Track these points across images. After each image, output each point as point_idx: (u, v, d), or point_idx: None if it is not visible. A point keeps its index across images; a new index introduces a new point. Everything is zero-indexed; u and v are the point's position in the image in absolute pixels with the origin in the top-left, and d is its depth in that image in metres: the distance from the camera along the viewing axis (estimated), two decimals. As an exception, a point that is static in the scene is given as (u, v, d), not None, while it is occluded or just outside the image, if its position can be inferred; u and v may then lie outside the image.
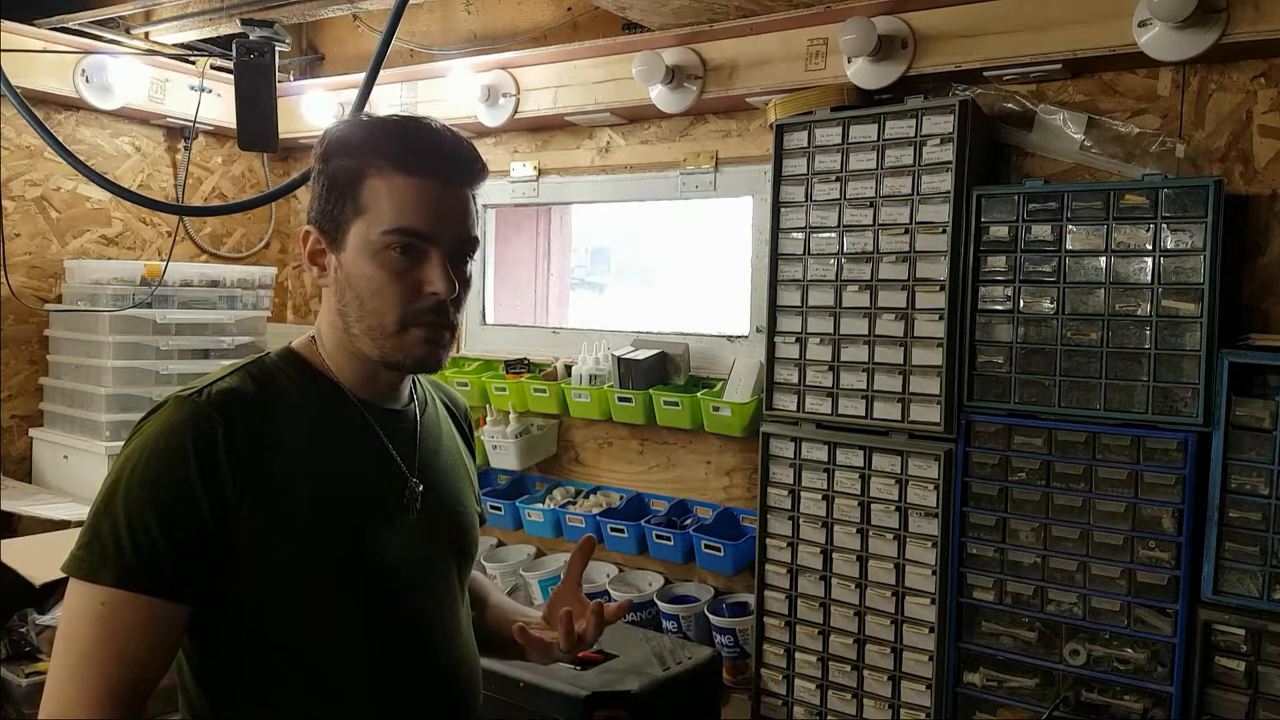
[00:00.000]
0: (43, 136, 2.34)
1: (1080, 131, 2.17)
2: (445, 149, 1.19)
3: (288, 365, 1.23)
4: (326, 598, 1.17)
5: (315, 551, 1.15)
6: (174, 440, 1.10)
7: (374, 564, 1.20)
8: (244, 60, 2.83)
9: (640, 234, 3.88)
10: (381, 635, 1.21)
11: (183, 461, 1.09)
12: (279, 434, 1.16)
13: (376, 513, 1.22)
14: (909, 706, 2.22)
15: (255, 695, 1.16)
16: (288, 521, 1.14)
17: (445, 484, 1.33)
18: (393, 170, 1.16)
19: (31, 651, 2.27)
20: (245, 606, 1.15)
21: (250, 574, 1.13)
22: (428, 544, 1.27)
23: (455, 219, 1.19)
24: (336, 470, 1.20)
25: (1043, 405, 2.06)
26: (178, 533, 1.08)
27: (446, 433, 1.39)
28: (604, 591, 2.73)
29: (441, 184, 1.18)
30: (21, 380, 3.14)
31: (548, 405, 2.84)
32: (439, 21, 3.27)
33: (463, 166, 1.20)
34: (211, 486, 1.09)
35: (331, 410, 1.22)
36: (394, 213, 1.15)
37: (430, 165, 1.17)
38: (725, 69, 2.53)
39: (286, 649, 1.16)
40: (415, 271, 1.16)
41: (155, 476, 1.09)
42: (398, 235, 1.15)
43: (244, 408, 1.14)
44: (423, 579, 1.26)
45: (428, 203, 1.16)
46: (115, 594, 1.07)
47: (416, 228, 1.15)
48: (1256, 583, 1.84)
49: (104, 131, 3.27)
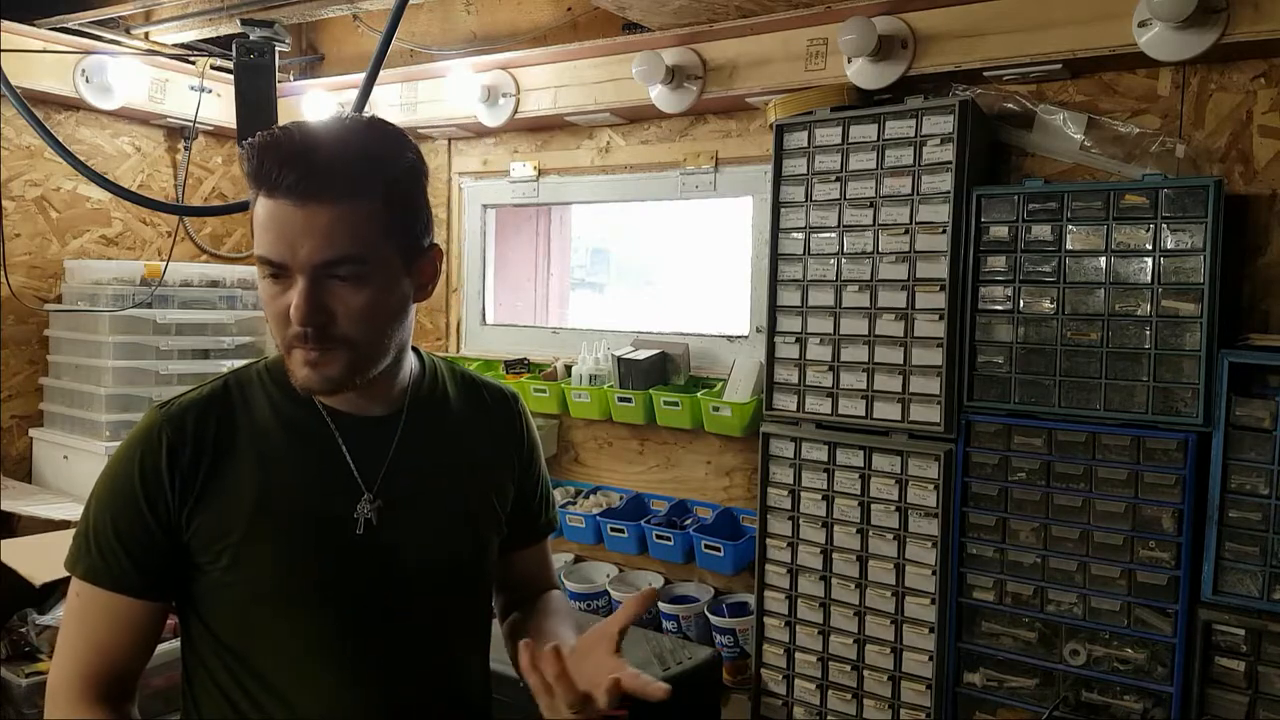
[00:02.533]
0: (43, 136, 2.34)
1: (1080, 131, 2.17)
2: (311, 164, 1.06)
3: (268, 373, 1.24)
4: (264, 605, 1.18)
5: (250, 561, 1.17)
6: (129, 450, 1.18)
7: (308, 578, 1.18)
8: (244, 60, 2.83)
9: (640, 234, 3.88)
10: (321, 649, 1.19)
11: (130, 471, 1.16)
12: (233, 444, 1.18)
13: (315, 529, 1.18)
14: (909, 706, 2.22)
15: (221, 694, 1.20)
16: (226, 530, 1.16)
17: (425, 499, 1.25)
18: (256, 189, 1.10)
19: (31, 651, 2.27)
20: (201, 607, 1.20)
21: (201, 577, 1.18)
22: (383, 563, 1.21)
23: (310, 243, 1.07)
24: (282, 483, 1.18)
25: (1043, 405, 2.06)
26: (129, 538, 1.15)
27: (454, 433, 1.31)
28: (604, 591, 2.73)
29: (294, 203, 1.06)
30: (21, 380, 3.14)
31: (548, 405, 2.84)
32: (439, 21, 3.27)
33: (318, 179, 1.06)
34: (153, 495, 1.15)
35: (294, 422, 1.20)
36: (258, 238, 1.10)
37: (284, 183, 1.06)
38: (725, 69, 2.53)
39: (239, 650, 1.20)
40: (284, 298, 1.10)
41: (113, 485, 1.18)
42: (261, 263, 1.11)
43: (197, 418, 1.18)
44: (375, 592, 1.20)
45: (278, 226, 1.08)
46: (84, 586, 1.17)
47: (267, 255, 1.09)
48: (1256, 583, 1.84)
49: (104, 131, 3.27)
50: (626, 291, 4.15)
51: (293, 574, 1.18)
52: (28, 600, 2.29)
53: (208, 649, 1.20)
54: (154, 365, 2.97)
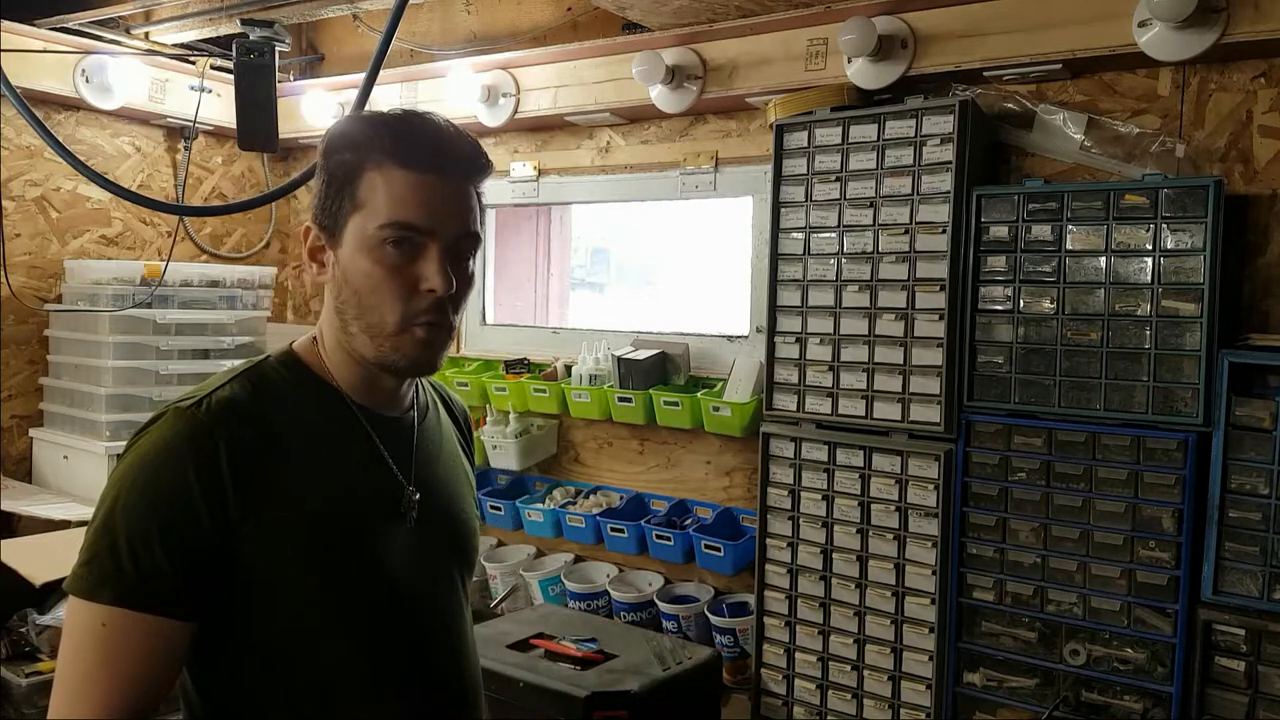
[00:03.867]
0: (43, 136, 2.34)
1: (1080, 131, 2.17)
2: (444, 142, 1.16)
3: (286, 370, 1.21)
4: (328, 609, 1.15)
5: (315, 564, 1.14)
6: (175, 455, 1.08)
7: (374, 574, 1.19)
8: (244, 60, 2.84)
9: (640, 234, 3.87)
10: (385, 645, 1.19)
11: (184, 477, 1.07)
12: (278, 445, 1.14)
13: (374, 523, 1.20)
14: (909, 706, 2.22)
15: (256, 707, 1.15)
16: (287, 535, 1.12)
17: (444, 490, 1.31)
18: (390, 164, 1.13)
19: (31, 651, 2.27)
20: (246, 619, 1.13)
21: (252, 587, 1.11)
22: (428, 552, 1.25)
23: (453, 213, 1.15)
24: (334, 481, 1.17)
25: (1043, 405, 2.06)
26: (179, 550, 1.06)
27: (446, 437, 1.37)
28: (604, 591, 2.73)
29: (439, 177, 1.14)
30: (21, 380, 3.14)
31: (548, 405, 2.84)
32: (439, 21, 3.27)
33: (463, 160, 1.17)
34: (214, 503, 1.07)
35: (329, 418, 1.20)
36: (390, 206, 1.12)
37: (427, 158, 1.14)
38: (725, 69, 2.53)
39: (289, 661, 1.15)
40: (411, 267, 1.13)
41: (156, 493, 1.08)
42: (393, 229, 1.12)
43: (244, 420, 1.12)
44: (424, 587, 1.25)
45: (424, 196, 1.13)
46: (115, 612, 1.05)
47: (412, 221, 1.12)
48: (1256, 583, 1.84)
49: (104, 131, 3.27)
50: (626, 291, 4.15)
51: (363, 571, 1.17)
52: (28, 600, 2.29)
53: (240, 663, 1.14)
54: (154, 365, 2.97)
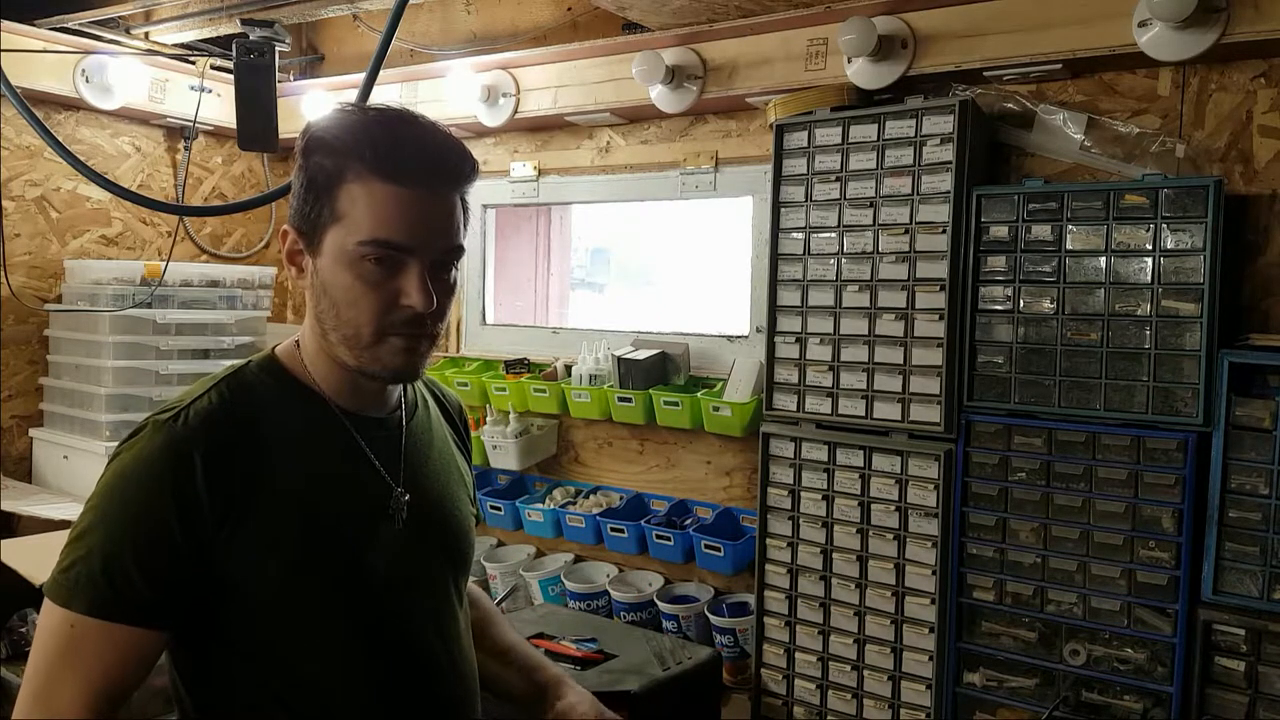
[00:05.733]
0: (43, 136, 2.34)
1: (1080, 131, 2.17)
2: (431, 151, 1.11)
3: (268, 375, 1.19)
4: (318, 613, 1.15)
5: (304, 569, 1.13)
6: (151, 471, 1.08)
7: (364, 577, 1.18)
8: (244, 60, 2.83)
9: (640, 234, 3.87)
10: (378, 647, 1.19)
11: (158, 495, 1.07)
12: (260, 453, 1.12)
13: (361, 525, 1.19)
14: (909, 706, 2.22)
15: (248, 709, 1.15)
16: (274, 542, 1.11)
17: (435, 490, 1.29)
18: (371, 175, 1.09)
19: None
20: (234, 623, 1.13)
21: (238, 593, 1.11)
22: (419, 553, 1.24)
23: (438, 229, 1.12)
24: (320, 486, 1.16)
25: (1043, 405, 2.06)
26: (153, 566, 1.07)
27: (439, 435, 1.36)
28: (604, 591, 2.73)
29: (425, 191, 1.10)
30: (21, 380, 3.14)
31: (548, 405, 2.84)
32: (439, 21, 3.27)
33: (449, 171, 1.13)
34: (188, 519, 1.07)
35: (313, 423, 1.18)
36: (372, 223, 1.08)
37: (412, 171, 1.09)
38: (725, 69, 2.53)
39: (278, 663, 1.14)
40: (392, 283, 1.10)
41: (132, 509, 1.07)
42: (374, 247, 1.09)
43: (223, 430, 1.11)
44: (416, 588, 1.24)
45: (408, 212, 1.09)
46: (86, 620, 1.06)
47: (394, 240, 1.09)
48: (1256, 583, 1.84)
49: (104, 131, 3.27)
50: (626, 291, 4.15)
51: (351, 574, 1.17)
52: (28, 600, 2.30)
53: (230, 666, 1.14)
54: (154, 365, 2.97)
